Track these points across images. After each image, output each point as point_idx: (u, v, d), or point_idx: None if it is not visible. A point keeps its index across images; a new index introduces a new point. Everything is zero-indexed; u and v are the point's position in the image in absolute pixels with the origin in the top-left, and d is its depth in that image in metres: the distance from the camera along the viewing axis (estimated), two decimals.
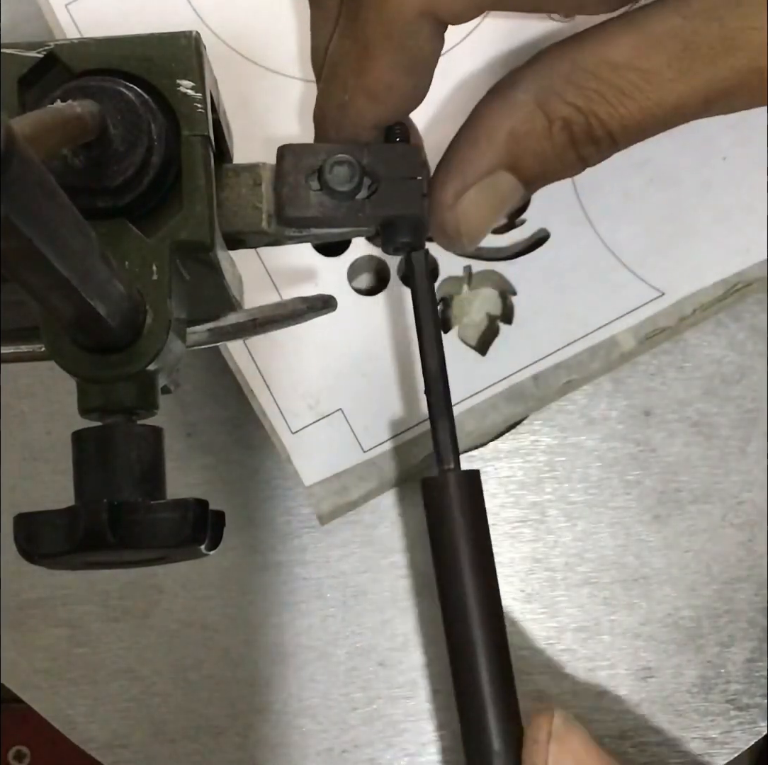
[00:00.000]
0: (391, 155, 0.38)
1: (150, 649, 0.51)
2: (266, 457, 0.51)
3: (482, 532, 0.41)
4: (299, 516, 0.51)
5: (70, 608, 0.51)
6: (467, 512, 0.41)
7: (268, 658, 0.50)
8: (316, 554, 0.51)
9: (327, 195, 0.37)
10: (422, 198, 0.38)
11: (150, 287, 0.33)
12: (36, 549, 0.32)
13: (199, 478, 0.51)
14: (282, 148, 0.38)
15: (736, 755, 0.49)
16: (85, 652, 0.51)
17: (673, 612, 0.50)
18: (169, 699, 0.50)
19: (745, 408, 0.51)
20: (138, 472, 0.32)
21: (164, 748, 0.50)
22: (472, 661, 0.40)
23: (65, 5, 0.51)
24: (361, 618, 0.50)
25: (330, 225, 0.38)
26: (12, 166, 0.21)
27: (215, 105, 0.36)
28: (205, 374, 0.51)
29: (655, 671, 0.50)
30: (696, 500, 0.50)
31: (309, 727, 0.50)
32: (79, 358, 0.32)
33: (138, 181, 0.34)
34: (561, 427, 0.51)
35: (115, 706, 0.50)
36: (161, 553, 0.33)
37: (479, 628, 0.40)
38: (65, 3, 0.51)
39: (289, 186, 0.37)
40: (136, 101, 0.33)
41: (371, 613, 0.50)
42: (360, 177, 0.37)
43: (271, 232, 0.38)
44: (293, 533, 0.51)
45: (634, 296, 0.49)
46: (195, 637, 0.51)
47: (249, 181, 0.38)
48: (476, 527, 0.41)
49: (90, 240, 0.28)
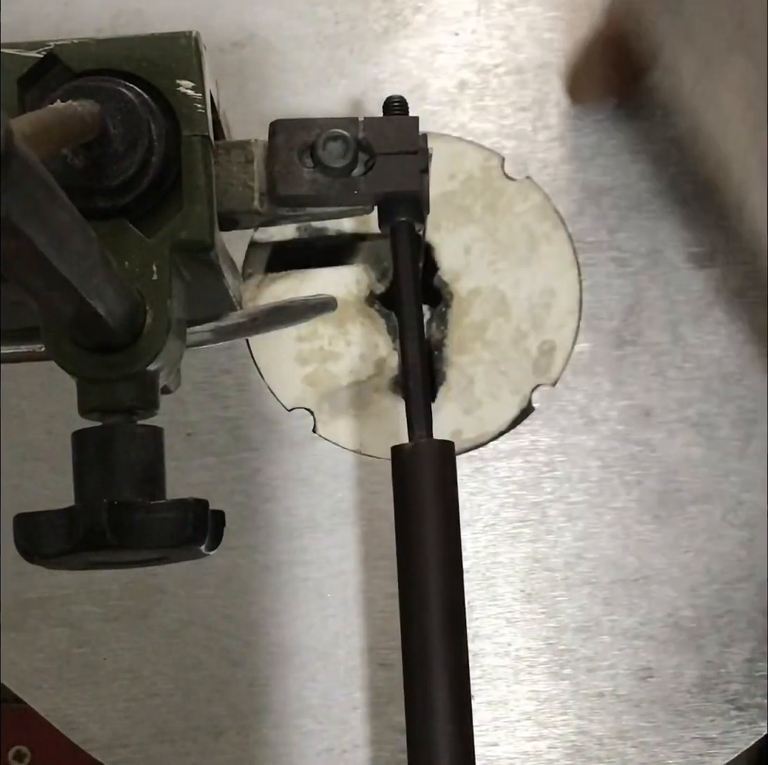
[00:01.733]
0: (388, 129, 0.37)
1: (150, 649, 0.51)
2: (266, 457, 0.51)
3: (451, 507, 0.39)
4: (299, 516, 0.51)
5: (70, 608, 0.51)
6: (438, 484, 0.39)
7: (268, 658, 0.50)
8: (316, 554, 0.51)
9: (321, 172, 0.36)
10: (421, 173, 0.37)
11: (150, 287, 0.33)
12: (36, 549, 0.32)
13: (199, 478, 0.51)
14: (274, 123, 0.37)
15: (736, 755, 0.49)
16: (85, 652, 0.51)
17: (673, 612, 0.50)
18: (169, 699, 0.50)
19: (745, 408, 0.51)
20: (138, 472, 0.32)
21: (164, 748, 0.50)
22: (427, 651, 0.38)
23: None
24: (361, 618, 0.50)
25: (324, 203, 0.37)
26: (12, 166, 0.21)
27: (215, 105, 0.36)
28: (205, 374, 0.51)
29: (655, 671, 0.50)
30: (696, 500, 0.50)
31: (309, 727, 0.50)
32: (79, 358, 0.32)
33: (138, 181, 0.34)
34: (561, 427, 0.51)
35: (115, 706, 0.50)
36: (161, 553, 0.33)
37: (438, 610, 0.38)
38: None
39: (281, 163, 0.36)
40: (135, 101, 0.34)
41: (371, 612, 0.50)
42: (355, 152, 0.36)
43: (263, 211, 0.37)
44: (293, 533, 0.51)
45: None
46: (195, 637, 0.51)
47: (240, 158, 0.37)
48: (445, 502, 0.39)
49: (90, 240, 0.28)
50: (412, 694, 0.39)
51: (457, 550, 0.39)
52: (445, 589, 0.39)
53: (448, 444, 0.40)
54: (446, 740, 0.38)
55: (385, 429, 0.51)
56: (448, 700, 0.38)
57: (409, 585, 0.39)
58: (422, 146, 0.37)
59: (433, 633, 0.38)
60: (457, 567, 0.39)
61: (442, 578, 0.39)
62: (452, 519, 0.39)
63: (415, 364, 0.40)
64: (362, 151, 0.36)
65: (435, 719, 0.38)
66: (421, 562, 0.38)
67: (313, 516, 0.50)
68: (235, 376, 0.50)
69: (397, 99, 0.38)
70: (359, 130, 0.36)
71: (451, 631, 0.38)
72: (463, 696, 0.39)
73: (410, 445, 0.39)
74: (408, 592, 0.39)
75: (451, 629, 0.39)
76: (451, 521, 0.39)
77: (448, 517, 0.39)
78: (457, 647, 0.39)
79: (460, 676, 0.39)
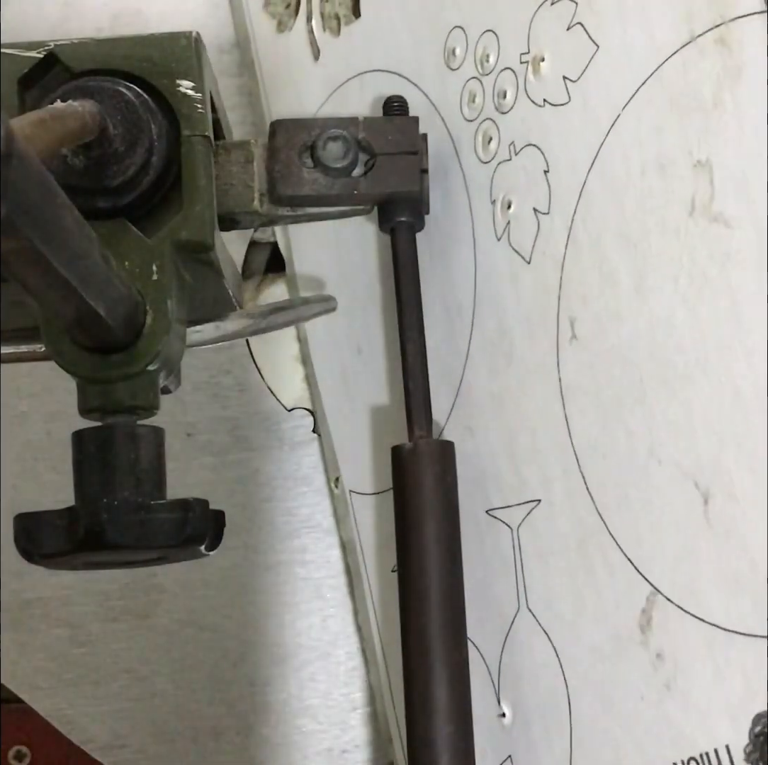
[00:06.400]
0: (388, 129, 0.37)
1: (150, 649, 0.51)
2: (266, 457, 0.51)
3: (451, 507, 0.39)
4: (299, 516, 0.51)
5: (70, 608, 0.51)
6: (437, 483, 0.39)
7: (268, 658, 0.50)
8: (316, 554, 0.51)
9: (321, 172, 0.36)
10: (421, 173, 0.37)
11: (150, 287, 0.33)
12: (36, 549, 0.32)
13: (199, 478, 0.51)
14: (274, 123, 0.37)
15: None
16: (85, 652, 0.51)
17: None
18: (169, 699, 0.50)
19: None
20: (138, 472, 0.32)
21: (164, 748, 0.50)
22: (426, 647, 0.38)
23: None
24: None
25: (324, 203, 0.37)
26: (12, 166, 0.21)
27: (215, 105, 0.36)
28: (205, 374, 0.51)
29: None
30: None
31: (309, 727, 0.50)
32: (79, 358, 0.32)
33: (138, 181, 0.34)
34: None
35: (115, 706, 0.50)
36: (161, 553, 0.33)
37: (438, 610, 0.38)
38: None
39: (281, 163, 0.36)
40: (135, 101, 0.34)
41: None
42: (355, 153, 0.36)
43: (263, 211, 0.37)
44: (293, 533, 0.51)
45: None
46: (195, 637, 0.51)
47: (240, 158, 0.37)
48: (445, 502, 0.39)
49: (90, 240, 0.28)
50: (412, 693, 0.39)
51: (457, 549, 0.39)
52: (444, 588, 0.39)
53: (448, 444, 0.40)
54: (446, 740, 0.38)
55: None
56: (447, 700, 0.38)
57: (409, 584, 0.39)
58: (422, 146, 0.37)
59: (433, 632, 0.38)
60: (457, 566, 0.39)
61: (441, 578, 0.39)
62: (452, 519, 0.39)
63: (415, 364, 0.40)
64: (362, 151, 0.36)
65: (435, 719, 0.38)
66: (421, 561, 0.38)
67: (313, 516, 0.50)
68: (235, 376, 0.50)
69: (397, 99, 0.38)
70: (359, 130, 0.36)
71: (451, 630, 0.39)
72: (463, 695, 0.39)
73: (410, 445, 0.39)
74: (407, 591, 0.39)
75: (451, 628, 0.39)
76: (450, 521, 0.39)
77: (447, 516, 0.39)
78: (457, 647, 0.39)
79: (460, 676, 0.39)
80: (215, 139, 0.36)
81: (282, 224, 0.38)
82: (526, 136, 0.40)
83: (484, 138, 0.41)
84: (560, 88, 0.39)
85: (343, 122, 0.36)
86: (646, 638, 0.37)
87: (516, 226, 0.41)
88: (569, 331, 0.39)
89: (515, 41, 0.41)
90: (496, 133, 0.41)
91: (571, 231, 0.39)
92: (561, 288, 0.39)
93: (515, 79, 0.40)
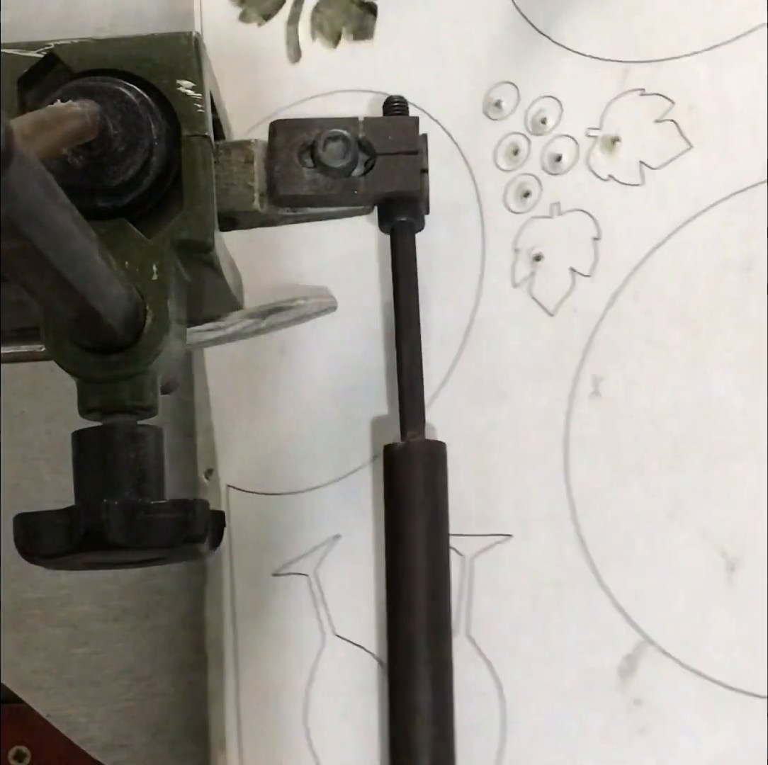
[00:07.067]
0: (388, 129, 0.37)
1: (150, 649, 0.51)
2: None
3: (441, 506, 0.39)
4: None
5: (70, 608, 0.51)
6: (428, 483, 0.39)
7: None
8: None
9: (320, 172, 0.36)
10: (421, 174, 0.37)
11: (150, 287, 0.33)
12: (36, 549, 0.32)
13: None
14: (274, 123, 0.37)
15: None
16: (85, 652, 0.51)
17: None
18: (169, 699, 0.50)
19: None
20: (138, 472, 0.32)
21: (164, 748, 0.50)
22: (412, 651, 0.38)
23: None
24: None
25: (324, 203, 0.37)
26: (12, 166, 0.21)
27: (215, 105, 0.36)
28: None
29: None
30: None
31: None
32: (79, 358, 0.32)
33: (138, 181, 0.34)
34: None
35: (115, 706, 0.50)
36: (161, 553, 0.33)
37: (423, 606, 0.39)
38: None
39: (281, 163, 0.36)
40: (136, 101, 0.34)
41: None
42: (355, 152, 0.36)
43: (263, 211, 0.37)
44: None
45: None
46: (195, 637, 0.51)
47: (240, 158, 0.37)
48: (435, 501, 0.39)
49: (90, 240, 0.28)
50: (395, 695, 0.39)
51: (445, 549, 0.39)
52: (431, 588, 0.39)
53: (439, 444, 0.40)
54: (427, 742, 0.38)
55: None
56: (430, 703, 0.38)
57: (396, 584, 0.39)
58: (422, 146, 0.37)
59: (418, 634, 0.38)
60: (444, 565, 0.39)
61: (428, 577, 0.39)
62: (441, 518, 0.39)
63: (410, 364, 0.40)
64: (362, 151, 0.36)
65: (417, 721, 0.38)
66: (408, 561, 0.39)
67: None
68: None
69: (397, 99, 0.38)
70: (359, 130, 0.36)
71: (436, 632, 0.39)
72: (445, 698, 0.39)
73: (402, 444, 0.39)
74: (394, 591, 0.39)
75: (436, 631, 0.39)
76: (440, 520, 0.39)
77: (437, 516, 0.39)
78: (441, 649, 0.39)
79: (443, 679, 0.39)
80: (215, 139, 0.36)
81: (282, 224, 0.38)
82: (578, 202, 0.43)
83: (519, 190, 0.44)
84: (633, 170, 0.43)
85: (343, 122, 0.36)
86: (624, 683, 0.39)
87: (543, 278, 0.43)
88: (591, 387, 0.42)
89: (585, 115, 0.44)
90: (537, 189, 0.44)
91: (617, 298, 0.42)
92: (590, 346, 0.42)
93: (576, 148, 0.44)
